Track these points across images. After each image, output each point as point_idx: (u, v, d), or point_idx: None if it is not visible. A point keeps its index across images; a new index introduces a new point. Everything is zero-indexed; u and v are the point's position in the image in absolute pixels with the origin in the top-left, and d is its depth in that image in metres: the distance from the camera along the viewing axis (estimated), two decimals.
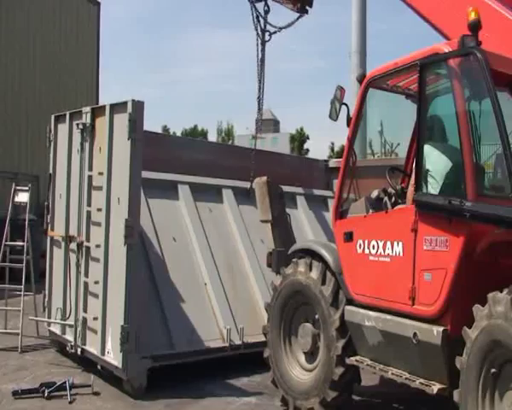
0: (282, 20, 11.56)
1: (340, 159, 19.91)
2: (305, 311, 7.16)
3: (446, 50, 5.56)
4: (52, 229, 9.85)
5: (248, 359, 8.76)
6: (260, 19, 11.25)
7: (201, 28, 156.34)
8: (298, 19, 11.53)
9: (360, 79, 6.67)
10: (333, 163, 13.50)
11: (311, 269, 6.95)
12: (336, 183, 7.11)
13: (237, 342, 8.77)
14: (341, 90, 6.85)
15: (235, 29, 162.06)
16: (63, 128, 9.64)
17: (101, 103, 11.19)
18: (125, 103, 8.01)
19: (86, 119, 8.88)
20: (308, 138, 78.23)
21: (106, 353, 8.00)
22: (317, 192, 12.03)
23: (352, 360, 6.47)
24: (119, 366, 7.64)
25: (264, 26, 11.28)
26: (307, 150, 73.22)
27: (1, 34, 20.44)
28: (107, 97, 24.12)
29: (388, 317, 5.99)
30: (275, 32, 11.37)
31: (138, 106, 7.94)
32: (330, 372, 6.58)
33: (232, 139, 75.77)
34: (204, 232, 9.58)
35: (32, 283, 10.61)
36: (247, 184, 10.51)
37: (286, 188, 10.74)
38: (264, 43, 11.27)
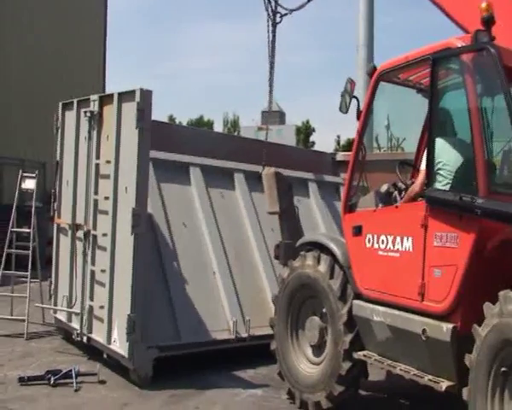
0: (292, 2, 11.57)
1: (347, 152, 19.92)
2: (312, 304, 7.12)
3: (459, 45, 5.48)
4: (59, 216, 9.84)
5: (254, 350, 8.73)
6: (271, 0, 11.20)
7: (205, 20, 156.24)
8: (309, 1, 11.46)
9: (370, 73, 6.58)
10: (340, 157, 13.46)
11: (319, 262, 6.90)
12: (345, 176, 7.04)
13: (243, 334, 8.75)
14: (351, 83, 6.80)
15: (238, 21, 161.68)
16: (71, 115, 9.61)
17: (107, 92, 11.14)
18: (133, 92, 7.97)
19: (94, 106, 8.84)
20: (314, 131, 78.25)
21: (112, 342, 7.99)
22: (328, 179, 11.96)
23: (359, 355, 6.42)
24: (126, 355, 7.63)
25: (275, 8, 11.24)
26: (313, 143, 73.23)
27: (9, 25, 20.40)
28: (111, 89, 24.13)
29: (397, 312, 5.94)
30: (286, 14, 11.36)
31: (146, 95, 7.90)
32: (337, 367, 6.55)
33: (238, 130, 75.72)
34: (214, 219, 9.49)
35: (39, 269, 10.62)
36: (258, 168, 10.42)
37: (298, 174, 10.73)
38: (274, 24, 11.22)
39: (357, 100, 6.77)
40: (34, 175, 11.07)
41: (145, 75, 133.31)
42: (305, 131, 76.02)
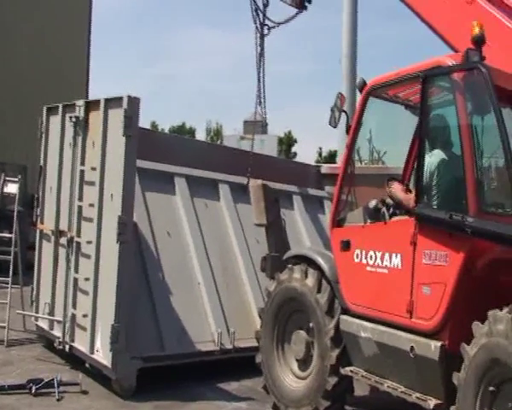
0: (280, 16, 11.58)
1: (332, 165, 19.97)
2: (299, 318, 7.05)
3: (450, 64, 5.51)
4: (42, 222, 9.71)
5: (238, 362, 8.67)
6: (259, 12, 11.22)
7: (190, 26, 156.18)
8: (297, 14, 11.49)
9: (360, 88, 6.58)
10: (325, 169, 13.44)
11: (306, 276, 6.84)
12: (333, 190, 7.01)
13: (228, 346, 8.67)
14: (341, 97, 6.80)
15: (224, 29, 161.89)
16: (55, 120, 9.51)
17: (90, 95, 11.09)
18: (120, 99, 7.90)
19: (80, 112, 8.76)
20: (296, 142, 78.33)
21: (95, 351, 7.90)
22: (312, 192, 11.93)
23: (346, 371, 6.36)
24: (109, 365, 7.53)
25: (263, 20, 11.25)
26: (295, 154, 73.23)
27: None
28: (95, 89, 24.01)
29: (385, 329, 5.91)
30: (273, 27, 11.38)
31: (134, 102, 7.84)
32: (323, 382, 6.48)
33: (221, 139, 75.65)
34: (199, 229, 9.42)
35: (20, 275, 10.46)
36: (244, 180, 10.40)
37: (283, 186, 10.69)
38: (262, 37, 11.23)
39: (347, 114, 6.78)
40: (17, 179, 10.94)
41: (128, 80, 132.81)
42: (287, 142, 76.10)
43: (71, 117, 8.82)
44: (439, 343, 5.32)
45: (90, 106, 8.65)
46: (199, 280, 8.98)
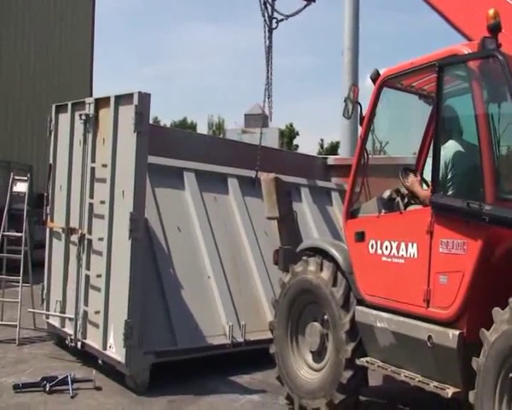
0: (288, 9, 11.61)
1: (338, 156, 19.97)
2: (313, 310, 7.07)
3: (466, 52, 5.48)
4: (52, 220, 9.72)
5: (249, 355, 8.73)
6: (268, 5, 11.21)
7: (190, 22, 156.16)
8: (305, 7, 11.49)
9: (374, 78, 6.53)
10: (331, 161, 13.48)
11: (321, 269, 6.85)
12: (348, 181, 6.99)
13: (239, 339, 8.71)
14: (355, 88, 6.77)
15: (223, 25, 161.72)
16: (65, 118, 9.51)
17: (94, 94, 11.10)
18: (130, 95, 7.89)
19: (89, 109, 8.76)
20: (298, 134, 78.43)
21: (108, 347, 7.91)
22: (320, 183, 11.95)
23: (362, 362, 6.38)
24: (122, 361, 7.55)
25: (272, 13, 11.26)
26: (296, 146, 73.38)
27: None
28: (96, 89, 23.95)
29: (401, 319, 5.90)
30: (282, 20, 11.39)
31: (145, 98, 7.83)
32: (338, 375, 6.49)
33: (223, 133, 75.70)
34: (209, 223, 9.45)
35: (30, 274, 10.47)
36: (252, 173, 10.44)
37: (289, 178, 10.72)
38: (271, 30, 11.23)
39: (360, 105, 6.73)
40: (26, 178, 10.95)
41: (129, 77, 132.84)
42: (288, 135, 76.16)
43: (80, 114, 8.83)
44: (457, 332, 5.32)
45: (100, 103, 8.64)
46: (209, 274, 9.01)
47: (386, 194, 6.54)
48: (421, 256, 5.73)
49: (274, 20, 11.29)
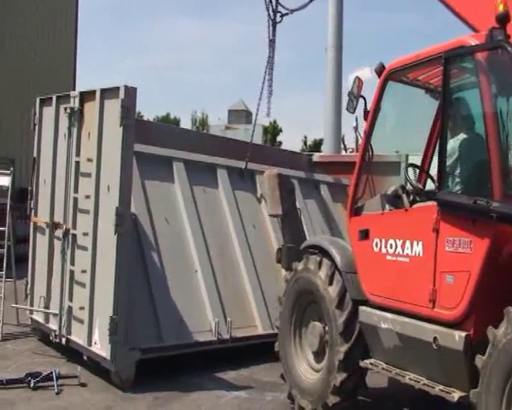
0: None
1: (323, 153, 19.92)
2: (315, 309, 6.88)
3: (473, 43, 5.25)
4: (36, 215, 9.61)
5: (235, 351, 8.71)
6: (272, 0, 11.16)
7: (171, 16, 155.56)
8: (310, 1, 11.39)
9: (379, 71, 6.29)
10: (316, 157, 13.46)
11: (320, 267, 6.69)
12: (351, 178, 6.75)
13: (225, 335, 8.66)
14: (359, 81, 6.52)
15: (205, 19, 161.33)
16: (49, 112, 9.40)
17: (77, 87, 10.98)
18: (116, 89, 7.82)
19: (74, 103, 8.67)
20: (281, 131, 78.52)
21: (93, 343, 7.84)
22: (309, 176, 11.90)
23: (366, 363, 6.21)
24: (107, 357, 7.48)
25: (276, 7, 11.21)
26: (280, 143, 73.47)
27: None
28: (77, 84, 23.78)
29: (406, 320, 5.71)
30: (286, 14, 11.35)
31: (131, 92, 7.76)
32: (332, 377, 6.33)
33: (207, 129, 75.56)
34: (197, 215, 9.37)
35: (13, 269, 10.37)
36: (241, 164, 10.40)
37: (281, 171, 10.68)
38: (275, 24, 11.17)
39: (365, 99, 6.50)
40: (9, 172, 10.80)
41: (111, 70, 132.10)
42: (272, 131, 76.19)
43: (65, 108, 8.73)
44: (463, 333, 5.12)
45: (85, 96, 8.55)
46: (196, 268, 8.95)
47: (391, 190, 6.38)
48: (426, 255, 5.53)
49: (278, 14, 11.22)
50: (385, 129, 7.06)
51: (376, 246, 6.16)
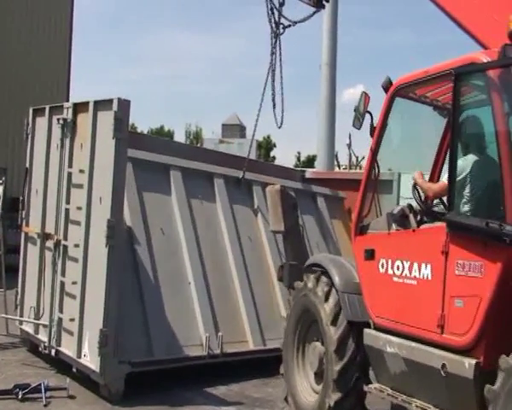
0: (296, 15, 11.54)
1: (315, 169, 19.94)
2: (316, 329, 6.73)
3: (485, 60, 5.07)
4: (27, 225, 9.57)
5: (226, 365, 8.67)
6: (275, 11, 11.16)
7: (166, 28, 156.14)
8: (314, 13, 11.38)
9: (386, 87, 6.13)
10: (309, 174, 13.49)
11: (317, 284, 6.60)
12: (357, 196, 6.57)
13: (216, 350, 8.61)
14: (366, 96, 6.36)
15: (200, 32, 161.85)
16: (42, 122, 9.40)
17: (70, 98, 10.95)
18: (110, 101, 7.82)
19: (67, 114, 8.66)
20: (275, 146, 78.66)
21: (82, 356, 7.80)
22: (306, 187, 11.89)
23: (370, 388, 6.04)
24: (97, 370, 7.44)
25: (279, 19, 11.20)
26: (274, 158, 73.57)
27: None
28: (71, 95, 23.70)
29: (413, 344, 5.50)
30: (289, 26, 11.30)
31: (124, 104, 7.77)
32: (328, 397, 6.18)
33: (201, 142, 75.64)
34: (192, 226, 9.33)
35: (3, 279, 10.30)
36: (239, 173, 10.40)
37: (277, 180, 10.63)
38: (277, 36, 11.17)
39: (371, 115, 6.33)
40: (1, 181, 10.75)
41: (105, 82, 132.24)
42: (266, 146, 76.31)
43: (58, 119, 8.73)
44: (473, 361, 4.90)
45: (79, 108, 8.55)
46: (189, 279, 8.91)
47: (397, 210, 6.21)
48: (435, 278, 5.32)
49: (281, 26, 11.20)
50: (390, 146, 6.89)
51: (382, 267, 5.96)
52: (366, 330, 6.10)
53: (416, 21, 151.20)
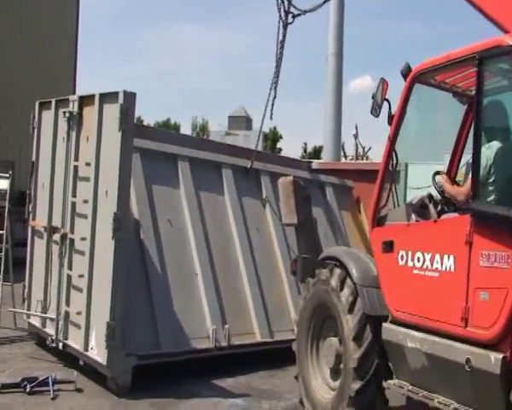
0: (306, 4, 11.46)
1: (322, 160, 19.89)
2: (331, 324, 6.61)
3: (511, 43, 4.89)
4: (34, 218, 9.58)
5: (233, 357, 8.67)
6: (284, 0, 11.10)
7: (172, 22, 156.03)
8: (324, 2, 11.27)
9: (405, 73, 5.91)
10: (316, 165, 13.47)
11: (331, 276, 6.45)
12: (374, 187, 6.37)
13: (223, 343, 8.61)
14: (384, 83, 6.11)
15: (206, 25, 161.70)
16: (48, 115, 9.37)
17: (77, 92, 10.92)
18: (116, 93, 7.79)
19: (73, 107, 8.63)
20: (281, 138, 78.62)
21: (89, 349, 7.80)
22: (314, 177, 11.84)
23: (390, 384, 5.89)
24: (104, 363, 7.44)
25: (288, 8, 11.14)
26: (280, 149, 73.50)
27: None
28: (77, 89, 23.71)
29: (436, 339, 5.33)
30: (298, 15, 11.24)
31: (130, 97, 7.74)
32: (347, 388, 6.01)
33: (207, 135, 75.67)
34: (200, 217, 9.29)
35: (11, 272, 10.32)
36: (247, 163, 10.37)
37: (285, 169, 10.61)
38: (286, 25, 11.10)
39: (389, 103, 6.12)
40: (7, 175, 10.75)
41: (112, 76, 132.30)
42: (272, 138, 76.23)
43: (64, 112, 8.70)
44: (499, 355, 4.74)
45: (84, 101, 8.52)
46: (196, 271, 8.88)
47: (416, 200, 6.08)
48: (458, 270, 5.15)
49: (290, 15, 11.12)
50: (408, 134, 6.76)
51: (402, 259, 5.80)
52: (385, 325, 5.94)
53: (425, 13, 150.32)
